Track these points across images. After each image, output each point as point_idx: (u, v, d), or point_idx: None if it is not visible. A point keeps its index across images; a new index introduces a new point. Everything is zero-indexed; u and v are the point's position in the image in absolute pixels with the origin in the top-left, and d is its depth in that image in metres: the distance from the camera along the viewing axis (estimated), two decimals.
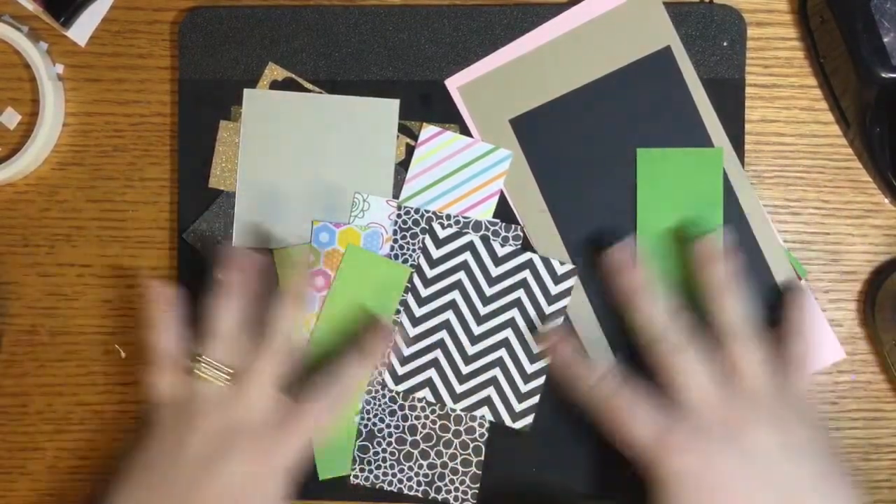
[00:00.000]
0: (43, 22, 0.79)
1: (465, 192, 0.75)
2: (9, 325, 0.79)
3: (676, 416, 0.66)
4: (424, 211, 0.74)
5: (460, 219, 0.74)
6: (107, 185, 0.78)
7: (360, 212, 0.75)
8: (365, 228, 0.74)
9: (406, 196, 0.75)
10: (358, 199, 0.75)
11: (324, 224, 0.75)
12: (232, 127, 0.76)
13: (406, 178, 0.75)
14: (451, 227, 0.74)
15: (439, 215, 0.74)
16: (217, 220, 0.76)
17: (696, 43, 0.74)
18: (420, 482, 0.74)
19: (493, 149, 0.75)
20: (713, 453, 0.65)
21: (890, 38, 0.70)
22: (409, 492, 0.74)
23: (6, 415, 0.79)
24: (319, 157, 0.76)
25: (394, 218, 0.75)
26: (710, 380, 0.66)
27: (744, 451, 0.64)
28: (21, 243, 0.79)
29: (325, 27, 0.76)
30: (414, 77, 0.75)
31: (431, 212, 0.74)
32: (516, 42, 0.75)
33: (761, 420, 0.66)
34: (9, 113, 0.79)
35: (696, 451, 0.65)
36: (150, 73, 0.78)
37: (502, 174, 0.75)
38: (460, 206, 0.75)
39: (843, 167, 0.76)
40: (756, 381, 0.67)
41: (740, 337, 0.68)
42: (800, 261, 0.75)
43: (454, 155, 0.75)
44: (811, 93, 0.76)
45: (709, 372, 0.67)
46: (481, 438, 0.74)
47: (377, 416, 0.74)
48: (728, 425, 0.65)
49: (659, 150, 0.74)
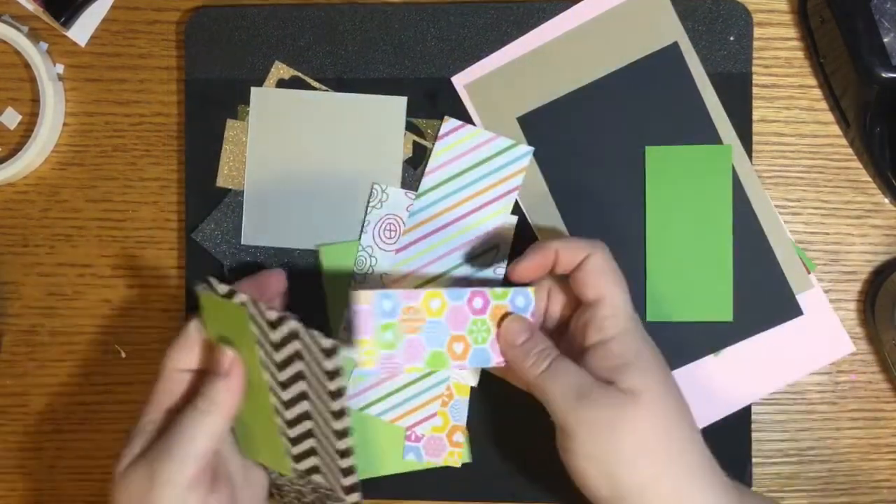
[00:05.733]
0: (43, 22, 0.78)
1: (484, 186, 0.75)
2: (9, 325, 0.78)
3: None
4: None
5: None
6: (107, 185, 0.78)
7: (379, 202, 0.74)
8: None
9: (425, 188, 0.75)
10: (377, 189, 0.74)
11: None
12: (239, 126, 0.76)
13: (426, 170, 0.75)
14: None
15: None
16: (226, 220, 0.76)
17: (703, 38, 0.75)
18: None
19: (514, 144, 0.75)
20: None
21: (890, 38, 0.70)
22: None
23: (6, 415, 0.78)
24: (327, 155, 0.75)
25: (411, 210, 0.75)
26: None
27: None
28: (21, 243, 0.78)
29: (331, 25, 0.76)
30: (421, 74, 0.76)
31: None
32: (523, 39, 0.75)
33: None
34: (9, 113, 0.78)
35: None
36: (150, 73, 0.78)
37: (521, 170, 0.75)
38: (479, 201, 0.75)
39: (843, 167, 0.76)
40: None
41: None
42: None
43: (474, 149, 0.75)
44: (811, 93, 0.76)
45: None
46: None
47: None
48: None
49: (667, 148, 0.74)
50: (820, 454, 0.77)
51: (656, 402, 0.62)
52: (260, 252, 0.76)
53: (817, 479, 0.77)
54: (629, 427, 0.61)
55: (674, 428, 0.63)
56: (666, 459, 0.62)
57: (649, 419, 0.62)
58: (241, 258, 0.76)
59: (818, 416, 0.77)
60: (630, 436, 0.61)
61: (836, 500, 0.77)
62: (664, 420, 0.62)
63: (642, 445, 0.61)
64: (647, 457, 0.61)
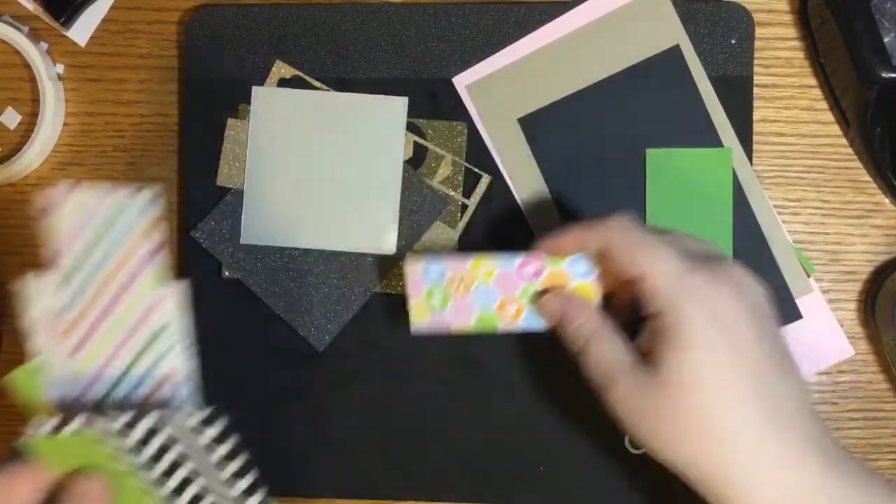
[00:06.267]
0: (43, 22, 0.78)
1: (121, 256, 0.59)
2: (9, 325, 0.78)
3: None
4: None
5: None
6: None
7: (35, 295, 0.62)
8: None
9: (66, 271, 0.60)
10: (28, 285, 0.62)
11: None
12: (240, 125, 0.76)
13: (53, 254, 0.59)
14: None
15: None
16: (225, 219, 0.76)
17: (705, 41, 0.75)
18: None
19: (135, 191, 0.59)
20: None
21: (890, 38, 0.70)
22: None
23: (6, 415, 0.78)
24: (328, 155, 0.75)
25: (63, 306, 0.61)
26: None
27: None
28: (21, 243, 0.78)
29: (332, 25, 0.76)
30: (422, 75, 0.75)
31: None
32: (524, 40, 0.75)
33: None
34: (9, 113, 0.78)
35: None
36: (150, 72, 0.78)
37: (155, 221, 0.59)
38: (126, 275, 0.60)
39: (843, 167, 0.76)
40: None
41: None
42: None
43: (92, 214, 0.59)
44: (811, 93, 0.76)
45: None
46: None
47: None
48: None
49: (668, 151, 0.74)
50: None
51: (702, 380, 0.58)
52: (259, 251, 0.75)
53: None
54: (668, 413, 0.59)
55: (732, 401, 0.58)
56: (720, 438, 0.58)
57: (687, 403, 0.58)
58: (241, 257, 0.75)
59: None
60: (670, 423, 0.59)
61: None
62: (710, 399, 0.58)
63: (685, 431, 0.59)
64: (694, 440, 0.59)
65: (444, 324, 0.68)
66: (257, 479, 0.59)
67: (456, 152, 0.75)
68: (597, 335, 0.63)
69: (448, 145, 0.75)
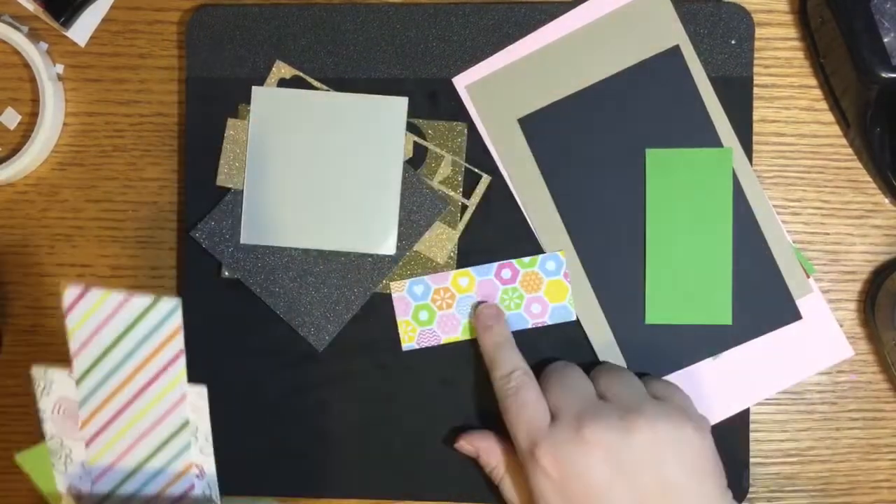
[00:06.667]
0: (43, 22, 0.78)
1: (143, 358, 0.61)
2: (9, 325, 0.78)
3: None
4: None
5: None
6: (107, 185, 0.78)
7: (46, 389, 0.63)
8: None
9: (84, 368, 0.61)
10: (37, 374, 0.63)
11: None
12: (240, 125, 0.76)
13: (71, 352, 0.61)
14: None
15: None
16: (225, 219, 0.75)
17: (705, 41, 0.74)
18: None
19: (155, 301, 0.59)
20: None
21: (890, 38, 0.70)
22: None
23: (6, 415, 0.78)
24: (328, 155, 0.75)
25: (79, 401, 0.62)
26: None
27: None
28: (21, 243, 0.78)
29: (332, 25, 0.76)
30: (422, 75, 0.75)
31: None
32: (525, 40, 0.75)
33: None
34: (9, 113, 0.78)
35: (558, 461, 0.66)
36: (150, 72, 0.78)
37: (177, 329, 0.60)
38: (146, 376, 0.61)
39: (843, 167, 0.76)
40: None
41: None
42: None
43: (111, 318, 0.60)
44: (811, 93, 0.76)
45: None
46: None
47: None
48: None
49: (668, 151, 0.74)
50: (820, 454, 0.77)
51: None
52: (259, 251, 0.75)
53: (817, 479, 0.77)
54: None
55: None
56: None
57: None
58: (241, 257, 0.75)
59: (818, 416, 0.77)
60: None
61: (836, 500, 0.77)
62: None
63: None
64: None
65: (434, 338, 0.75)
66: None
67: (456, 152, 0.75)
68: (504, 481, 0.72)
69: (448, 145, 0.75)
